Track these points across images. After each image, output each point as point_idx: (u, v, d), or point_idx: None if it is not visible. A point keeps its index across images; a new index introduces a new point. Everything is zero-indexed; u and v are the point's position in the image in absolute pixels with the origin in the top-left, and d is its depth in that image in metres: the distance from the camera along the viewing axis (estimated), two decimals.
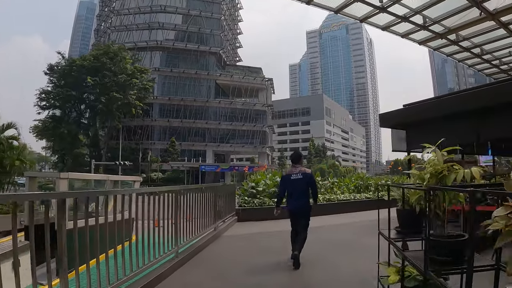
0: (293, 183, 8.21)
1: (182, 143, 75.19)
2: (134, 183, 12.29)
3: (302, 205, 8.18)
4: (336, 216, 15.96)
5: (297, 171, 8.29)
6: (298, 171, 8.28)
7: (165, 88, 79.85)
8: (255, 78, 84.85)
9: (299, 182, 8.16)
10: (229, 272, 7.40)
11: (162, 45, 79.60)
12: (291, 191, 8.29)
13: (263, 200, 15.75)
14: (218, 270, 7.49)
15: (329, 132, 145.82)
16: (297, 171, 8.28)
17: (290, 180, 8.28)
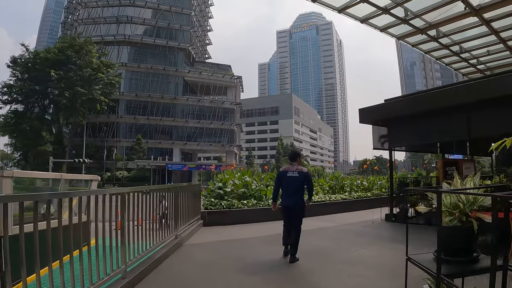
0: (289, 180, 8.29)
1: (148, 141, 73.57)
2: (91, 182, 11.01)
3: (296, 202, 8.24)
4: (310, 219, 14.58)
5: (293, 168, 8.39)
6: (295, 169, 8.37)
7: (132, 84, 77.80)
8: (224, 76, 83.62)
9: (295, 180, 8.24)
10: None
11: (130, 40, 77.56)
12: (286, 188, 8.36)
13: (232, 202, 14.27)
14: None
15: (298, 132, 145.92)
16: (294, 168, 8.38)
17: (286, 177, 8.35)
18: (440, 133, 12.31)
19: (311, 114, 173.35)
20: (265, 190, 15.87)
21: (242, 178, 16.55)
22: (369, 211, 16.01)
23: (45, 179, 10.59)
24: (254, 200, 14.96)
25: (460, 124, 11.43)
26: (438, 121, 12.03)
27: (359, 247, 9.13)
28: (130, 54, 78.82)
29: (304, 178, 8.27)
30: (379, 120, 14.06)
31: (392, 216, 13.84)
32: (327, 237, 10.76)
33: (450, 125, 11.78)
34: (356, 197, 19.03)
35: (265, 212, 14.04)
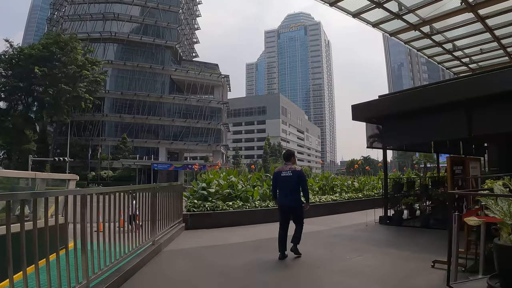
0: (284, 180, 8.38)
1: (134, 140, 72.65)
2: (68, 182, 10.31)
3: (292, 201, 8.30)
4: None
5: (287, 168, 8.44)
6: (288, 168, 8.42)
7: (118, 82, 76.62)
8: (211, 75, 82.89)
9: (289, 179, 8.31)
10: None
11: (116, 37, 76.55)
12: (282, 187, 8.43)
13: (216, 204, 13.35)
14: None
15: (285, 132, 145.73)
16: (287, 168, 8.44)
17: (281, 176, 8.44)
18: (439, 131, 11.76)
19: (299, 114, 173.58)
20: (252, 191, 15.19)
21: (228, 178, 15.64)
22: (361, 212, 15.52)
23: (23, 178, 9.95)
24: (240, 201, 14.19)
25: (460, 121, 10.90)
26: (437, 118, 11.50)
27: (354, 254, 8.50)
28: (116, 52, 77.69)
29: (298, 177, 8.29)
30: (372, 117, 13.50)
31: (387, 218, 13.32)
32: (319, 243, 10.01)
33: (450, 122, 11.26)
34: (347, 198, 18.41)
35: (252, 215, 13.73)
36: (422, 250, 8.59)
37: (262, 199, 15.09)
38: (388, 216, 13.39)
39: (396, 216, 13.31)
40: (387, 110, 12.67)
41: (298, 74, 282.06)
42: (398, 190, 14.35)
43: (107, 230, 5.90)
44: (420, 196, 14.03)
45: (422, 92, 12.37)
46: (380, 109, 13.02)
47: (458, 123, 10.97)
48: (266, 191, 15.42)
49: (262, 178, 17.57)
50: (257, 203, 14.35)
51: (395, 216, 13.31)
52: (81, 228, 5.00)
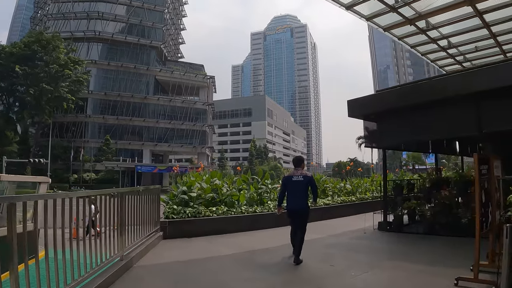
0: (294, 184, 8.61)
1: (118, 141, 71.22)
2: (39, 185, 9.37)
3: (301, 205, 8.56)
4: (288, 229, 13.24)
5: (298, 173, 8.68)
6: (300, 173, 8.67)
7: (102, 82, 75.16)
8: (197, 75, 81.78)
9: (300, 184, 8.54)
10: None
11: (100, 36, 75.11)
12: (291, 191, 8.69)
13: (198, 210, 12.18)
14: None
15: (271, 134, 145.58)
16: (299, 173, 8.67)
17: (292, 181, 8.67)
18: (445, 128, 10.56)
19: (284, 116, 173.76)
20: (238, 195, 14.11)
21: (211, 181, 14.43)
22: (356, 217, 14.90)
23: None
24: (224, 206, 13.11)
25: (469, 117, 9.91)
26: (442, 114, 10.44)
27: (360, 268, 7.52)
28: (100, 52, 76.19)
29: (309, 182, 8.58)
30: (371, 114, 12.55)
31: (387, 224, 12.42)
32: (316, 255, 8.96)
33: (457, 118, 10.28)
34: (340, 202, 17.47)
35: (238, 221, 12.70)
36: (435, 262, 7.73)
37: (249, 203, 14.12)
38: (387, 221, 12.50)
39: (397, 221, 12.40)
40: (387, 105, 11.69)
41: (284, 76, 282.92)
42: (398, 193, 13.31)
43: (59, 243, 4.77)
44: (424, 199, 12.91)
45: (427, 85, 11.33)
46: (379, 105, 12.03)
47: (466, 119, 10.05)
48: (253, 195, 14.59)
49: (249, 181, 16.32)
50: (244, 209, 13.32)
51: (395, 222, 12.39)
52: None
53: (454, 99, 9.87)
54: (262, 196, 14.93)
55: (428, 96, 10.43)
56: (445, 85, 10.58)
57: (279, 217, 13.48)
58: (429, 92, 10.55)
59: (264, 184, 15.70)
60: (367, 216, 13.14)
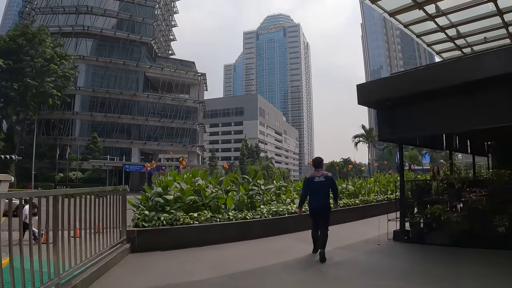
0: (316, 185, 8.85)
1: (105, 139, 69.41)
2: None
3: (323, 204, 8.77)
4: (289, 238, 11.17)
5: (319, 174, 8.93)
6: (321, 174, 8.93)
7: (90, 78, 73.20)
8: (187, 73, 79.99)
9: (322, 184, 8.82)
10: None
11: (89, 31, 73.06)
12: (314, 192, 8.94)
13: (175, 216, 10.06)
14: None
15: (263, 133, 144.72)
16: (320, 174, 8.93)
17: (314, 182, 8.90)
18: (479, 116, 8.66)
19: (277, 115, 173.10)
20: (224, 197, 11.90)
21: (193, 181, 12.13)
22: (362, 223, 13.65)
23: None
24: (208, 212, 10.97)
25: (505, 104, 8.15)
26: (478, 99, 8.49)
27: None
28: (88, 47, 74.09)
29: (330, 183, 8.89)
30: (386, 100, 10.24)
31: (404, 233, 10.41)
32: (322, 277, 7.05)
33: (489, 106, 8.42)
34: (343, 205, 15.21)
35: (224, 230, 10.68)
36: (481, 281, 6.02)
37: (238, 208, 12.10)
38: (405, 230, 10.46)
39: (416, 230, 10.27)
40: (405, 90, 9.49)
41: (277, 76, 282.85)
42: (419, 196, 10.83)
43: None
44: (450, 203, 10.44)
45: (459, 63, 9.36)
46: (397, 88, 9.89)
47: (502, 106, 8.25)
48: (243, 197, 12.49)
49: (239, 181, 14.02)
50: (231, 214, 11.23)
51: (414, 230, 10.28)
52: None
53: (488, 82, 8.08)
54: (253, 199, 12.79)
55: (460, 77, 8.44)
56: (482, 63, 8.57)
57: (272, 226, 11.87)
58: (462, 72, 8.54)
59: (256, 185, 13.63)
60: (371, 221, 12.04)
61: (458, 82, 8.35)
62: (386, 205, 15.14)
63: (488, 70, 7.89)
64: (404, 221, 10.56)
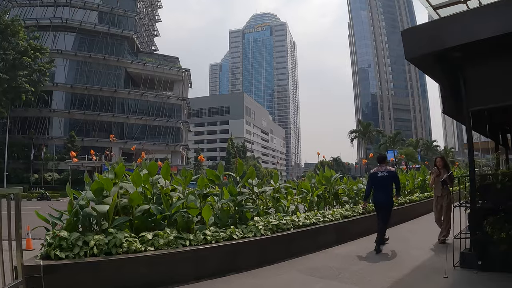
0: (380, 180, 9.21)
1: (84, 138, 65.77)
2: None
3: (386, 198, 9.18)
4: (298, 264, 7.57)
5: (383, 169, 9.28)
6: (384, 169, 9.27)
7: (68, 74, 69.42)
8: (171, 68, 76.88)
9: (385, 179, 9.17)
10: None
11: (68, 24, 69.14)
12: (377, 186, 9.29)
13: (116, 239, 6.15)
14: None
15: (249, 133, 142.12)
16: (383, 169, 9.27)
17: (377, 177, 9.26)
18: None
19: (263, 115, 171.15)
20: (197, 207, 7.49)
21: (150, 180, 7.71)
22: (405, 228, 11.99)
23: None
24: (172, 231, 6.94)
25: None
26: None
27: None
28: (68, 41, 70.23)
29: (393, 177, 9.24)
30: (452, 49, 6.51)
31: (478, 256, 6.61)
32: None
33: None
34: (362, 212, 11.52)
35: (198, 261, 6.83)
36: None
37: (221, 222, 8.07)
38: (479, 251, 6.72)
39: (496, 252, 6.43)
40: (486, 30, 6.01)
41: (263, 75, 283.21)
42: (498, 199, 6.82)
43: None
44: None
45: None
46: (469, 31, 6.20)
47: None
48: (229, 205, 8.51)
49: (222, 181, 9.14)
50: (209, 234, 7.25)
51: (494, 253, 6.48)
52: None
53: None
54: (243, 208, 8.59)
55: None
56: None
57: (272, 249, 8.07)
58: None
59: (247, 186, 9.42)
60: (416, 227, 9.36)
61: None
62: (410, 209, 14.24)
63: None
64: (478, 238, 6.79)
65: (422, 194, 16.65)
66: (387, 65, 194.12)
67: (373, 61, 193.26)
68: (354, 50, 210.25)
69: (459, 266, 7.01)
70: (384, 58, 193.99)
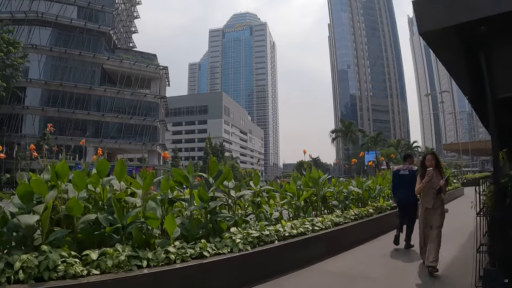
0: (401, 178, 9.43)
1: (58, 137, 63.42)
2: None
3: (408, 197, 8.86)
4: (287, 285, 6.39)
5: (405, 167, 9.51)
6: (406, 167, 9.48)
7: (43, 70, 67.06)
8: (148, 66, 75.15)
9: (406, 177, 9.20)
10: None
11: (43, 19, 66.66)
12: (399, 184, 9.48)
13: (50, 259, 4.66)
14: None
15: (227, 132, 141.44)
16: (405, 167, 9.50)
17: (399, 175, 9.55)
18: None
19: (242, 114, 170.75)
20: (158, 217, 5.98)
21: (101, 183, 6.25)
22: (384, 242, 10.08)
23: None
24: (125, 248, 5.41)
25: None
26: None
27: None
28: (43, 36, 67.87)
29: (414, 175, 8.42)
30: (480, 22, 5.07)
31: (505, 273, 5.03)
32: None
33: None
34: (354, 218, 10.27)
35: (159, 285, 5.27)
36: None
37: (189, 235, 6.51)
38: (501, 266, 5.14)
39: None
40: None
41: (242, 75, 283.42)
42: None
43: None
44: None
45: None
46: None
47: None
48: (201, 212, 7.30)
49: (190, 183, 7.50)
50: (174, 251, 5.75)
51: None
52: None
53: None
54: (217, 217, 7.11)
55: None
56: None
57: (253, 267, 6.62)
58: None
59: (221, 188, 7.98)
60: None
61: None
62: None
63: None
64: (504, 251, 5.17)
65: None
66: (367, 66, 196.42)
67: (352, 62, 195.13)
68: (334, 51, 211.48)
69: (482, 285, 5.35)
70: (363, 60, 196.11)
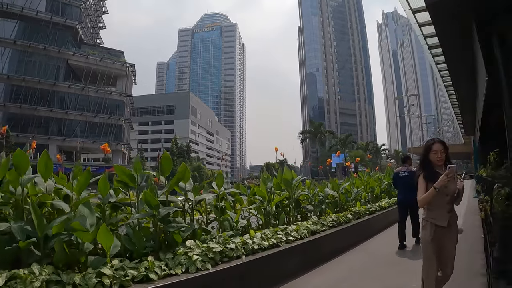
0: (401, 179, 9.81)
1: (19, 134, 61.20)
2: None
3: (407, 198, 9.13)
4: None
5: (404, 169, 9.95)
6: (406, 169, 9.91)
7: (6, 64, 64.28)
8: (115, 62, 73.44)
9: (405, 179, 9.54)
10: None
11: (8, 10, 63.96)
12: (400, 186, 9.92)
13: None
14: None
15: (194, 133, 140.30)
16: (405, 169, 9.93)
17: (399, 176, 9.95)
18: None
19: (209, 115, 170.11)
20: (86, 230, 4.49)
21: (20, 181, 4.74)
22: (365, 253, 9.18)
23: None
24: (45, 269, 3.97)
25: None
26: None
27: None
28: (8, 29, 65.18)
29: (413, 176, 7.25)
30: None
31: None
32: None
33: None
34: (331, 225, 9.17)
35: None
36: None
37: (135, 251, 5.19)
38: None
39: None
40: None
41: (210, 76, 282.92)
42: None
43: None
44: None
45: None
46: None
47: None
48: (150, 221, 5.90)
49: (137, 184, 5.91)
50: (110, 275, 4.29)
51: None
52: None
53: None
54: (169, 227, 5.62)
55: None
56: None
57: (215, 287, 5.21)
58: None
59: (177, 191, 6.50)
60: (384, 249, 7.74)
61: None
62: (382, 218, 12.51)
63: None
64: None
65: (390, 199, 14.67)
66: (335, 70, 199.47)
67: (321, 66, 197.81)
68: (303, 54, 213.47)
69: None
70: (332, 63, 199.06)
